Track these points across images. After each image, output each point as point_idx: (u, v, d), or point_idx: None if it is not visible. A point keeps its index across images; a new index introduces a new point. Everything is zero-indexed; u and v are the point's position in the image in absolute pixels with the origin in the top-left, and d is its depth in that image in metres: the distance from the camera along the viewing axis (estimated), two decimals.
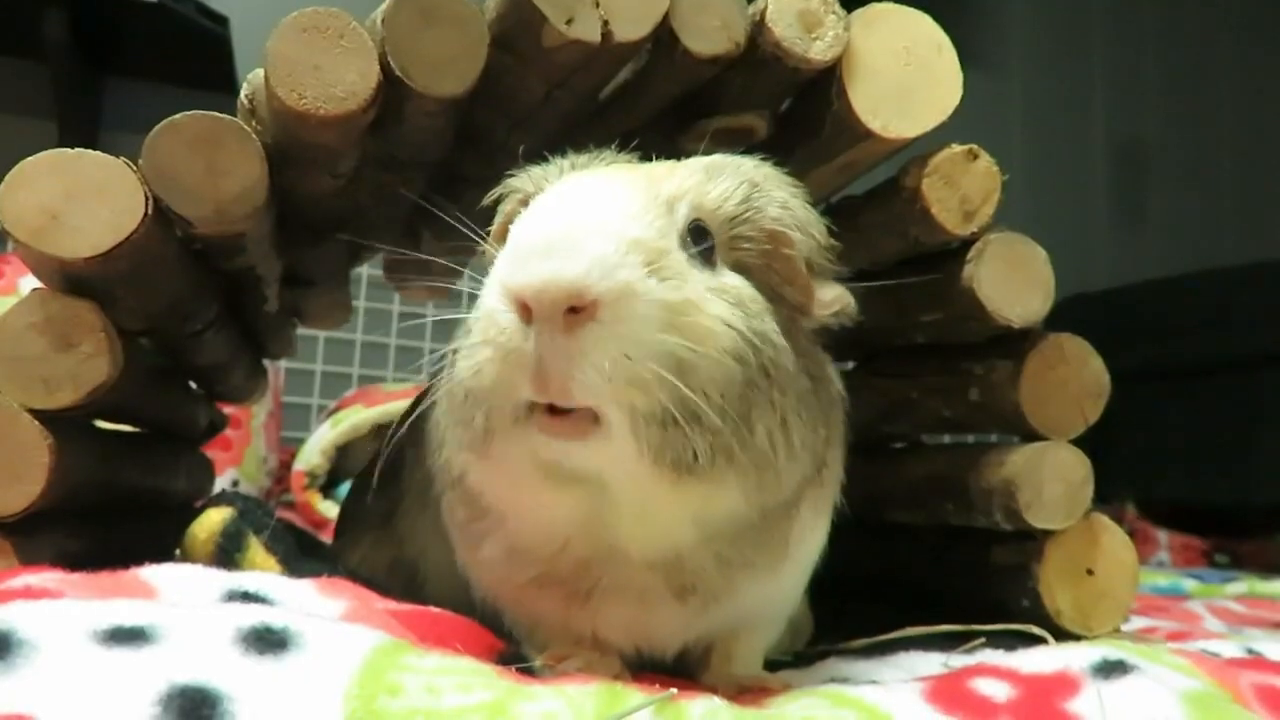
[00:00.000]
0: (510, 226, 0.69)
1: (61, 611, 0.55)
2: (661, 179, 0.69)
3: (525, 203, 0.74)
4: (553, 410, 0.61)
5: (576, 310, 0.59)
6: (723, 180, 0.71)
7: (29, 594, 0.61)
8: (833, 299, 0.73)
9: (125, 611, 0.56)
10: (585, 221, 0.62)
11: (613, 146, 0.78)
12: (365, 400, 2.49)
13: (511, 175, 0.78)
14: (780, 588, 0.79)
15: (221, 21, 2.49)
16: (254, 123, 0.83)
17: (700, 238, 0.68)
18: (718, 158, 0.74)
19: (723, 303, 0.65)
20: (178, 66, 2.56)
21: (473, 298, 0.68)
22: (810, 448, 0.71)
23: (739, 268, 0.70)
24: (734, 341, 0.64)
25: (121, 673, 0.50)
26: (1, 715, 0.46)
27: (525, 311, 0.59)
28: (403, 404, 1.76)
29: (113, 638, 0.53)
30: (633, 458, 0.62)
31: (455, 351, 0.67)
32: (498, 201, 0.79)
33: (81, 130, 2.47)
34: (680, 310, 0.62)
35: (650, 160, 0.76)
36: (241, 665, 0.53)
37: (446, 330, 0.72)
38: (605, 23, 0.81)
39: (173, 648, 0.53)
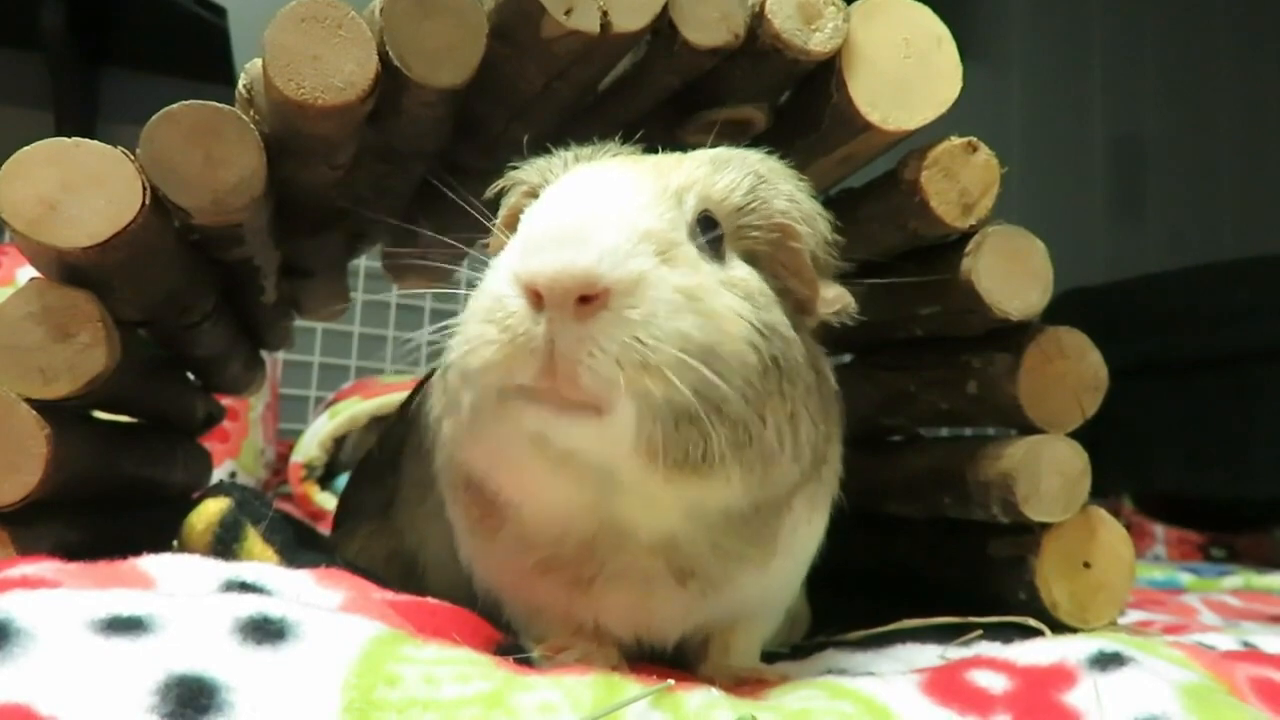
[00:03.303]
0: (516, 217, 0.69)
1: (59, 601, 0.55)
2: (669, 170, 0.70)
3: (530, 194, 0.74)
4: None
5: (588, 300, 0.59)
6: (729, 172, 0.71)
7: (27, 584, 0.61)
8: (834, 297, 0.74)
9: (123, 601, 0.56)
10: (597, 212, 0.62)
11: (616, 138, 0.78)
12: (363, 392, 2.49)
13: (515, 166, 0.78)
14: (775, 581, 0.79)
15: (219, 12, 2.48)
16: (252, 113, 0.82)
17: (709, 229, 0.68)
18: (723, 150, 0.74)
19: (733, 295, 0.66)
20: (175, 57, 2.55)
21: (472, 288, 0.68)
22: (812, 443, 0.71)
23: (746, 258, 0.70)
24: (748, 331, 0.64)
25: (119, 662, 0.50)
26: None
27: (536, 299, 0.59)
28: (400, 395, 1.76)
29: (110, 627, 0.53)
30: (628, 450, 0.62)
31: (448, 331, 0.67)
32: (499, 193, 0.79)
33: (79, 121, 2.46)
34: (695, 295, 0.62)
35: (651, 152, 0.76)
36: (239, 655, 0.53)
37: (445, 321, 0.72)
38: (604, 13, 0.80)
39: (171, 637, 0.53)
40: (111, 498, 1.00)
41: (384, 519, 1.02)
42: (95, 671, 0.50)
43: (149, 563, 0.71)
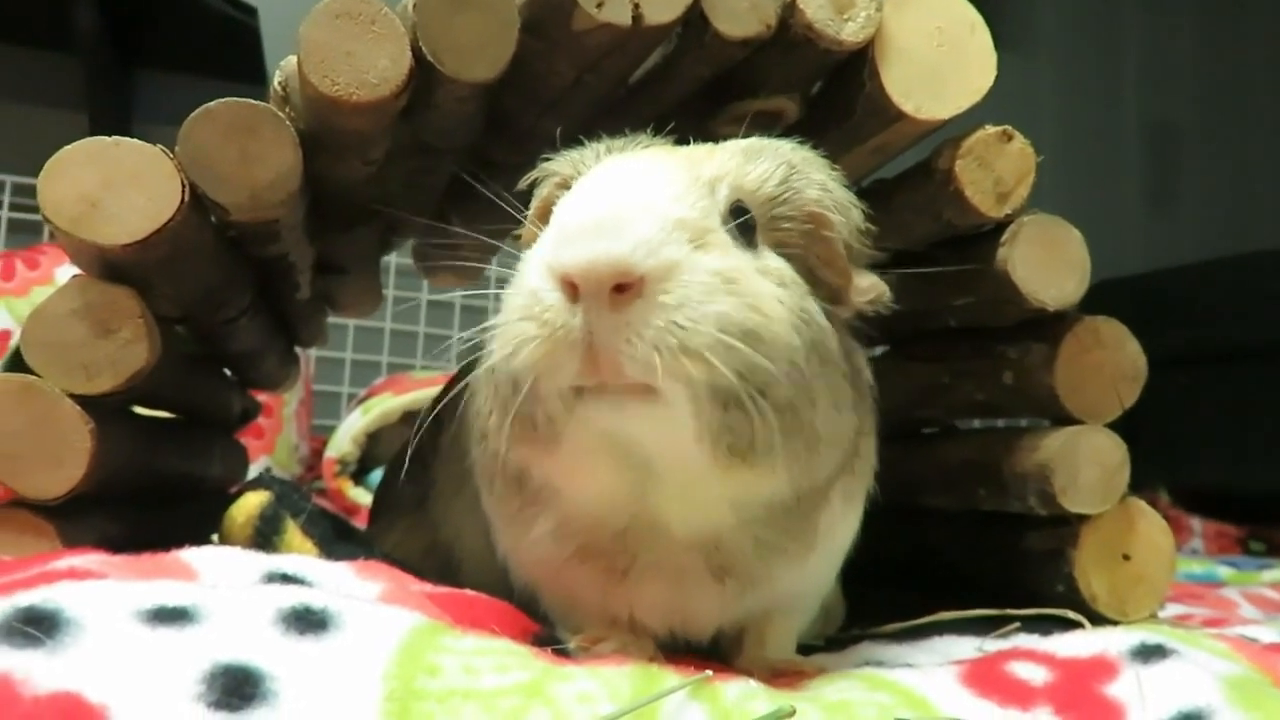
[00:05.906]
0: (548, 209, 0.69)
1: (106, 592, 0.56)
2: (701, 161, 0.70)
3: (562, 186, 0.74)
4: None
5: (623, 289, 0.58)
6: (761, 162, 0.71)
7: (74, 575, 0.62)
8: (868, 286, 0.74)
9: (168, 592, 0.56)
10: (630, 202, 0.62)
11: (647, 130, 0.78)
12: (395, 388, 2.51)
13: (547, 159, 0.78)
14: (812, 574, 0.79)
15: (250, 12, 2.51)
16: (287, 110, 0.83)
17: (741, 219, 0.68)
18: (755, 140, 0.74)
19: (768, 281, 0.65)
20: (207, 57, 2.58)
21: (502, 283, 0.68)
22: (847, 435, 0.71)
23: (779, 249, 0.70)
24: (788, 314, 0.64)
25: (166, 651, 0.51)
26: (50, 692, 0.47)
27: (572, 290, 0.59)
28: (432, 390, 1.77)
29: (156, 617, 0.54)
30: (690, 437, 0.61)
31: (490, 331, 0.66)
32: (531, 186, 0.79)
33: (113, 122, 2.48)
34: (731, 278, 0.62)
35: (684, 144, 0.76)
36: (283, 645, 0.53)
37: (475, 317, 0.73)
38: (635, 6, 0.80)
39: (215, 627, 0.54)
40: (152, 491, 1.01)
41: (420, 513, 1.03)
42: (142, 661, 0.50)
43: (191, 555, 0.72)
